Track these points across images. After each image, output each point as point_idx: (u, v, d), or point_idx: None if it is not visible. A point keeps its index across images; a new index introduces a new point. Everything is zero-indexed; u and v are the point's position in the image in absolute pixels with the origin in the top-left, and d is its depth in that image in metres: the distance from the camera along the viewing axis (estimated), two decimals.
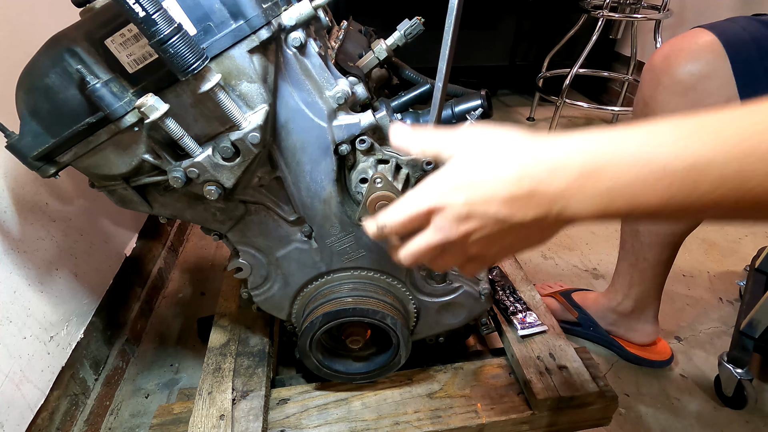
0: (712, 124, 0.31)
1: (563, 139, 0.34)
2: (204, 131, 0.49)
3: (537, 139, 0.35)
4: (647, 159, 0.31)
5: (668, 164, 0.30)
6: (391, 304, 0.64)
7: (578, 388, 0.67)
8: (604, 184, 0.32)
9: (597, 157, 0.32)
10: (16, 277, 0.72)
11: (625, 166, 0.32)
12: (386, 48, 0.62)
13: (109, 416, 0.88)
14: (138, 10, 0.37)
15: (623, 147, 0.32)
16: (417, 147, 0.41)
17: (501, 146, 0.36)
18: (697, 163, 0.30)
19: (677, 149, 0.30)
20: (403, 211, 0.38)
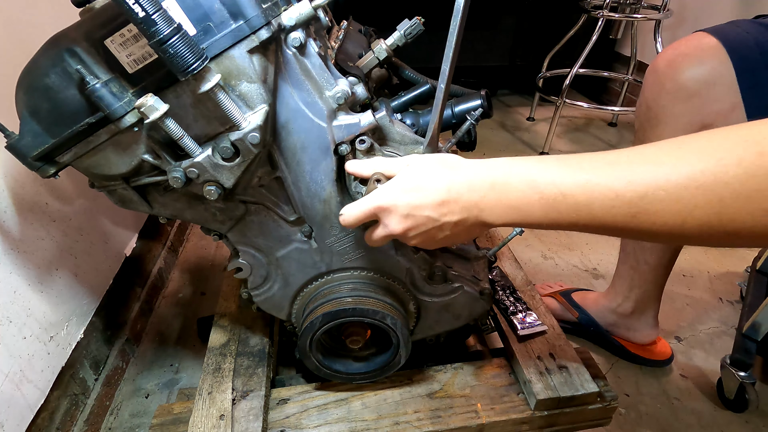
0: (581, 163, 0.41)
1: (482, 162, 0.46)
2: (204, 131, 0.49)
3: (464, 162, 0.47)
4: (532, 184, 0.42)
5: (545, 189, 0.41)
6: (391, 304, 0.64)
7: (578, 388, 0.67)
8: (503, 200, 0.44)
9: (499, 178, 0.44)
10: (16, 277, 0.72)
11: (517, 187, 0.43)
12: (386, 48, 0.62)
13: (109, 416, 0.88)
14: (138, 10, 0.37)
15: (518, 172, 0.43)
16: (371, 170, 0.51)
17: (436, 166, 0.47)
18: (561, 191, 0.41)
19: (552, 179, 0.41)
20: (359, 208, 0.49)
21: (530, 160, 0.44)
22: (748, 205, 0.34)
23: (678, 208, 0.36)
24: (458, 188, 0.45)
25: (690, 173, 0.36)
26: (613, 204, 0.38)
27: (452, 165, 0.47)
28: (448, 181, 0.46)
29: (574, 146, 1.98)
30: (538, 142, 1.96)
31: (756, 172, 0.33)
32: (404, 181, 0.47)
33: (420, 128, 0.64)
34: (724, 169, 0.34)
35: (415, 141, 0.58)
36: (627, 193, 0.38)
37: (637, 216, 0.38)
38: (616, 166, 0.39)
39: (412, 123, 0.64)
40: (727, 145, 0.35)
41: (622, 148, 0.42)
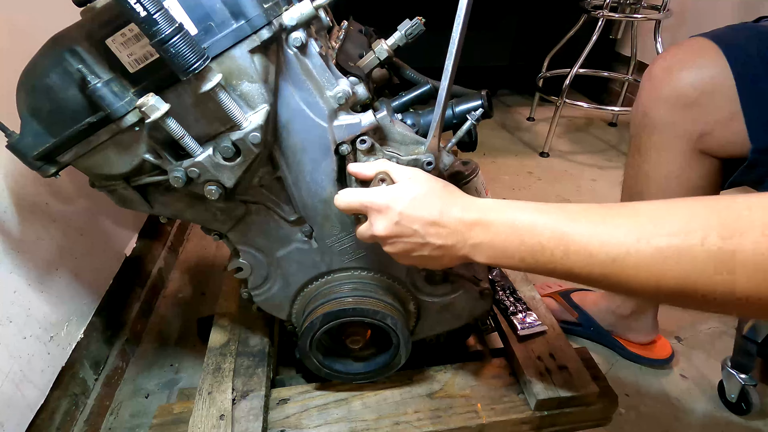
0: (565, 215, 0.42)
1: (478, 199, 0.48)
2: (205, 131, 0.49)
3: (463, 194, 0.49)
4: (515, 229, 0.44)
5: (525, 236, 0.43)
6: (392, 304, 0.64)
7: (578, 388, 0.67)
8: (487, 240, 0.45)
9: (487, 218, 0.45)
10: (16, 277, 0.72)
11: (501, 229, 0.44)
12: (387, 48, 0.62)
13: (109, 416, 0.88)
14: (139, 9, 0.37)
15: (506, 215, 0.45)
16: (374, 170, 0.52)
17: (438, 188, 0.49)
18: (540, 242, 0.42)
19: (534, 227, 0.43)
20: (354, 197, 0.50)
21: (521, 205, 0.45)
22: (712, 280, 0.35)
23: (647, 276, 0.38)
24: (451, 216, 0.46)
25: (658, 245, 0.37)
26: (587, 262, 0.40)
27: (452, 192, 0.49)
28: (445, 206, 0.47)
29: (574, 146, 1.98)
30: (538, 142, 1.96)
31: (717, 255, 0.34)
32: (404, 190, 0.48)
33: (421, 128, 0.64)
34: (689, 247, 0.35)
35: (415, 141, 0.58)
36: (600, 254, 0.39)
37: (608, 277, 0.39)
38: (597, 224, 0.40)
39: (413, 123, 0.64)
40: (696, 223, 0.36)
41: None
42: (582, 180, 1.73)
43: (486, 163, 1.84)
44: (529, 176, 1.75)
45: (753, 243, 0.33)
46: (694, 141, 0.71)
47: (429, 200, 0.47)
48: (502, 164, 1.83)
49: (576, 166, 1.83)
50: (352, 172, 0.54)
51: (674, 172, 0.75)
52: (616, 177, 1.73)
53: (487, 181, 0.96)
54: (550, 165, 1.83)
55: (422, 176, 0.50)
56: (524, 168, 1.81)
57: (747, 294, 0.34)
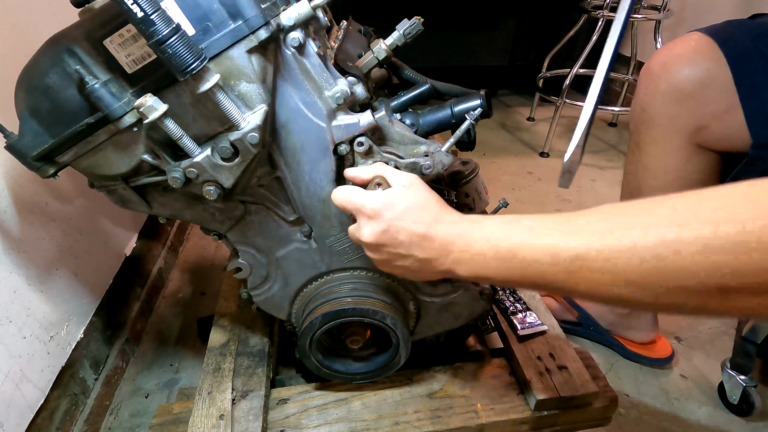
0: (537, 225, 0.41)
1: (460, 218, 0.47)
2: (203, 131, 0.49)
3: (453, 211, 0.48)
4: (496, 247, 0.43)
5: (506, 257, 0.42)
6: (391, 304, 0.64)
7: (578, 388, 0.67)
8: (467, 259, 0.45)
9: (466, 234, 0.45)
10: (16, 276, 0.72)
11: (481, 249, 0.44)
12: (386, 48, 0.62)
13: (109, 416, 0.88)
14: (136, 10, 0.37)
15: (483, 235, 0.44)
16: (371, 174, 0.51)
17: (431, 202, 0.48)
18: (511, 249, 0.42)
19: (511, 244, 0.42)
20: (347, 197, 0.50)
21: (501, 226, 0.44)
22: (670, 285, 0.34)
23: (609, 278, 0.36)
24: (438, 231, 0.46)
25: (616, 246, 0.36)
26: (551, 263, 0.39)
27: (442, 207, 0.48)
28: (434, 220, 0.46)
29: None
30: (538, 142, 1.96)
31: (666, 266, 0.33)
32: (397, 198, 0.48)
33: (420, 128, 0.64)
34: (640, 252, 0.34)
35: (414, 141, 0.58)
36: (563, 253, 0.38)
37: (573, 275, 0.38)
38: (575, 231, 0.39)
39: (412, 123, 0.64)
40: (659, 228, 0.34)
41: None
42: (582, 180, 1.73)
43: (486, 163, 1.84)
44: (529, 176, 1.75)
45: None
46: (692, 134, 0.71)
47: (420, 213, 0.47)
48: (502, 164, 1.83)
49: None
50: (349, 176, 0.53)
51: (673, 166, 0.75)
52: (616, 177, 1.74)
53: (487, 181, 0.96)
54: (550, 165, 1.83)
55: (418, 185, 0.49)
56: (524, 168, 1.81)
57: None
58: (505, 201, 0.80)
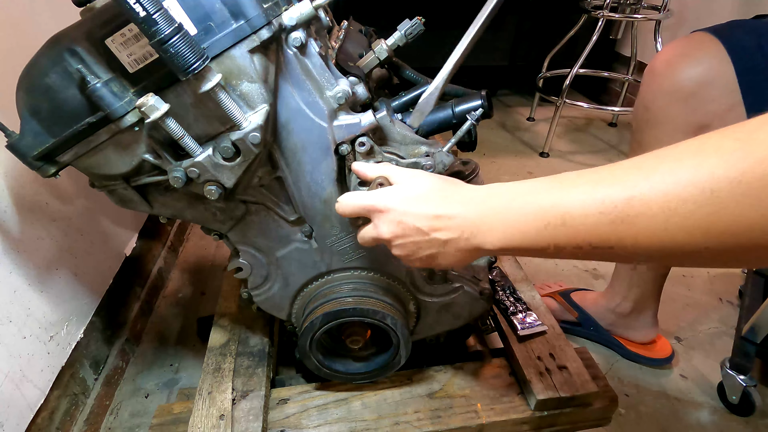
0: (581, 180, 0.38)
1: (484, 186, 0.45)
2: (204, 131, 0.49)
3: (467, 185, 0.47)
4: (536, 208, 0.39)
5: (549, 213, 0.38)
6: (391, 304, 0.64)
7: (578, 388, 0.67)
8: (502, 224, 0.42)
9: (501, 202, 0.43)
10: (16, 276, 0.72)
11: (519, 211, 0.41)
12: (387, 48, 0.62)
13: (108, 416, 0.88)
14: (138, 9, 0.37)
15: (522, 196, 0.41)
16: (375, 173, 0.51)
17: (440, 182, 0.47)
18: (562, 215, 0.38)
19: (544, 209, 0.39)
20: (356, 201, 0.49)
21: (533, 183, 0.42)
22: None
23: (661, 222, 0.33)
24: (456, 206, 0.44)
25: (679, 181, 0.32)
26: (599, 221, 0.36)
27: (453, 184, 0.47)
28: (446, 199, 0.45)
29: (574, 146, 1.98)
30: (538, 142, 1.96)
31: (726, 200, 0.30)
32: (405, 189, 0.47)
33: (420, 128, 0.64)
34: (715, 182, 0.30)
35: (415, 141, 0.58)
36: (609, 200, 0.35)
37: (620, 225, 0.35)
38: (614, 182, 0.36)
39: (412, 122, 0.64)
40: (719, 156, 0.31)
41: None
42: None
43: (486, 163, 1.84)
44: (529, 176, 1.74)
45: None
46: (695, 133, 0.70)
47: (430, 196, 0.46)
48: (502, 164, 1.83)
49: (576, 167, 1.81)
50: (356, 170, 0.53)
51: None
52: None
53: (487, 181, 0.96)
54: (550, 165, 1.83)
55: (422, 175, 0.49)
56: (524, 168, 1.81)
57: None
58: None
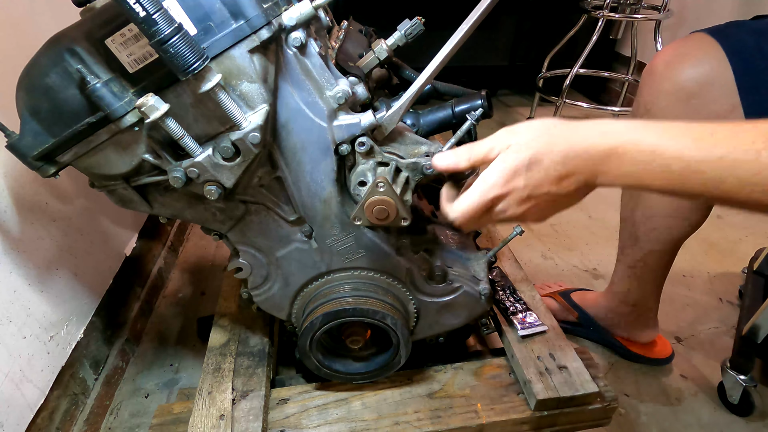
0: (708, 136, 0.40)
1: (593, 126, 0.43)
2: (204, 131, 0.49)
3: (572, 127, 0.44)
4: (656, 155, 0.40)
5: (671, 163, 0.40)
6: (392, 304, 0.64)
7: (578, 388, 0.67)
8: (623, 168, 0.42)
9: (620, 146, 0.42)
10: (16, 276, 0.72)
11: (640, 156, 0.41)
12: (387, 48, 0.62)
13: (108, 416, 0.88)
14: (138, 9, 0.37)
15: (642, 140, 0.41)
16: (465, 162, 0.49)
17: (545, 137, 0.45)
18: (689, 167, 0.40)
19: (679, 152, 0.40)
20: (473, 203, 0.47)
21: (648, 127, 0.42)
22: None
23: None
24: (575, 159, 0.43)
25: None
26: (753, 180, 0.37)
27: (561, 132, 0.44)
28: (564, 152, 0.43)
29: None
30: None
31: None
32: (515, 162, 0.45)
33: (420, 128, 0.64)
34: None
35: (415, 141, 0.58)
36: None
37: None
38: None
39: (413, 123, 0.64)
40: None
41: None
42: None
43: None
44: None
45: None
46: None
47: (546, 156, 0.44)
48: None
49: None
50: (443, 167, 0.51)
51: None
52: None
53: None
54: None
55: (519, 136, 0.46)
56: None
57: None
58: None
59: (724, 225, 1.46)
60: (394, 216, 0.55)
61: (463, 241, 0.79)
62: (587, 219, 1.50)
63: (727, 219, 1.48)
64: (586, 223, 1.48)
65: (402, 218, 0.56)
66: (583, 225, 1.47)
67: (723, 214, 1.50)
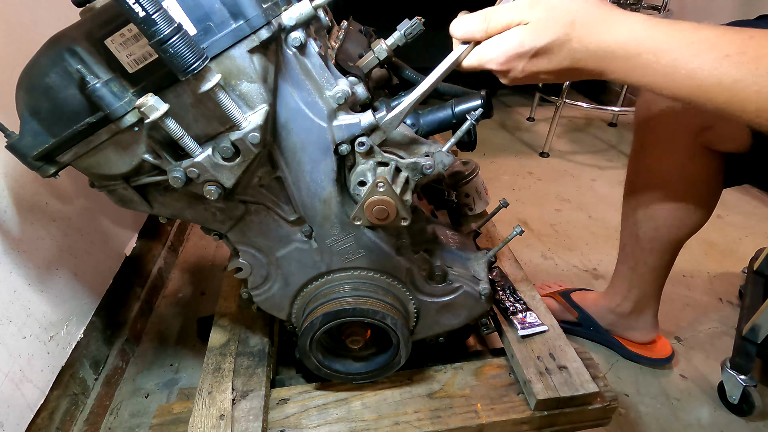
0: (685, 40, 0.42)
1: (620, 25, 0.43)
2: (204, 131, 0.49)
3: (596, 17, 0.44)
4: (643, 50, 0.43)
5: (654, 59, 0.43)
6: (391, 304, 0.64)
7: (578, 388, 0.67)
8: (632, 74, 0.45)
9: (642, 53, 0.43)
10: (16, 276, 0.72)
11: (656, 67, 0.43)
12: (386, 48, 0.62)
13: (108, 416, 0.88)
14: (138, 10, 0.37)
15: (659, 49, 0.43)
16: (480, 34, 0.48)
17: (565, 23, 0.44)
18: (671, 64, 0.42)
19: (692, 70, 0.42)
20: (469, 66, 0.49)
21: (669, 36, 0.43)
22: None
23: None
24: (587, 58, 0.45)
25: None
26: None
27: (585, 22, 0.45)
28: (578, 49, 0.44)
29: (574, 146, 1.98)
30: (538, 142, 1.96)
31: None
32: (524, 46, 0.45)
33: (420, 128, 0.64)
34: None
35: (415, 141, 0.58)
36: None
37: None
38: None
39: (412, 123, 0.64)
40: None
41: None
42: (582, 180, 1.73)
43: (486, 163, 1.84)
44: (529, 176, 1.76)
45: None
46: (696, 135, 0.71)
47: (555, 53, 0.45)
48: (502, 164, 1.83)
49: (576, 166, 1.83)
50: (462, 36, 0.49)
51: (676, 166, 0.75)
52: (616, 177, 1.74)
53: (487, 181, 0.96)
54: (550, 165, 1.83)
55: (538, 18, 0.45)
56: (524, 168, 1.81)
57: None
58: (505, 201, 0.80)
59: (724, 225, 1.46)
60: (393, 216, 0.55)
61: (463, 241, 0.79)
62: (587, 219, 1.50)
63: (727, 219, 1.48)
64: (586, 223, 1.48)
65: (402, 218, 0.56)
66: (583, 225, 1.47)
67: (723, 214, 1.50)
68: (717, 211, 0.80)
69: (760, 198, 1.62)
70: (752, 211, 1.55)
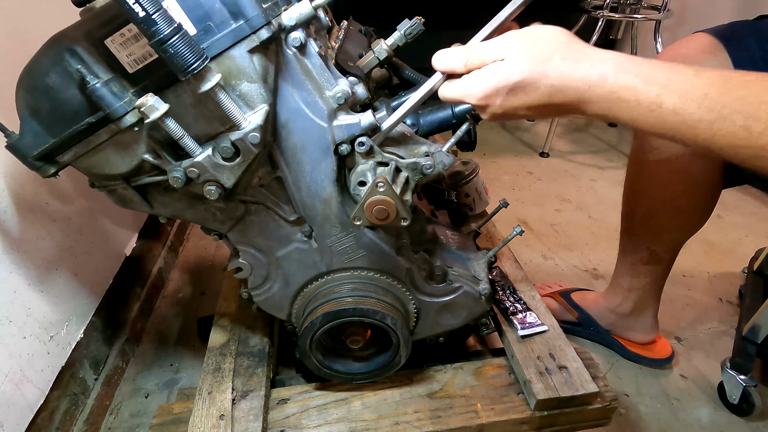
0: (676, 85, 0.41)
1: (595, 62, 0.44)
2: (204, 131, 0.49)
3: (572, 56, 0.44)
4: (630, 91, 0.42)
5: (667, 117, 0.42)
6: (392, 304, 0.64)
7: (578, 388, 0.67)
8: (608, 108, 0.44)
9: (615, 92, 0.43)
10: (16, 276, 0.72)
11: (631, 105, 0.42)
12: (386, 48, 0.62)
13: (108, 416, 0.88)
14: (138, 10, 0.37)
15: (633, 87, 0.42)
16: (461, 68, 0.49)
17: (541, 62, 0.45)
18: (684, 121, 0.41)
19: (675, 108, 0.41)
20: (450, 97, 0.50)
21: (639, 73, 0.43)
22: None
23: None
24: (563, 95, 0.45)
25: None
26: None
27: (560, 62, 0.45)
28: (554, 86, 0.45)
29: (574, 146, 1.98)
30: (538, 142, 1.96)
31: None
32: (501, 82, 0.46)
33: (420, 128, 0.64)
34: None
35: (415, 141, 0.58)
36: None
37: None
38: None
39: (412, 123, 0.64)
40: None
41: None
42: (582, 180, 1.73)
43: (486, 163, 1.84)
44: (529, 176, 1.76)
45: None
46: None
47: (530, 90, 0.45)
48: (502, 164, 1.83)
49: (576, 166, 1.83)
50: (442, 69, 0.51)
51: (677, 167, 0.75)
52: (616, 177, 1.74)
53: (487, 181, 0.96)
54: (550, 165, 1.83)
55: (515, 58, 0.46)
56: (524, 168, 1.81)
57: None
58: (505, 201, 0.80)
59: (724, 225, 1.46)
60: (393, 216, 0.55)
61: (463, 241, 0.79)
62: (587, 219, 1.50)
63: (727, 219, 1.48)
64: (586, 223, 1.48)
65: (402, 218, 0.56)
66: (583, 225, 1.47)
67: (723, 214, 1.50)
68: (717, 211, 0.80)
69: (760, 198, 1.62)
70: (752, 211, 1.56)
